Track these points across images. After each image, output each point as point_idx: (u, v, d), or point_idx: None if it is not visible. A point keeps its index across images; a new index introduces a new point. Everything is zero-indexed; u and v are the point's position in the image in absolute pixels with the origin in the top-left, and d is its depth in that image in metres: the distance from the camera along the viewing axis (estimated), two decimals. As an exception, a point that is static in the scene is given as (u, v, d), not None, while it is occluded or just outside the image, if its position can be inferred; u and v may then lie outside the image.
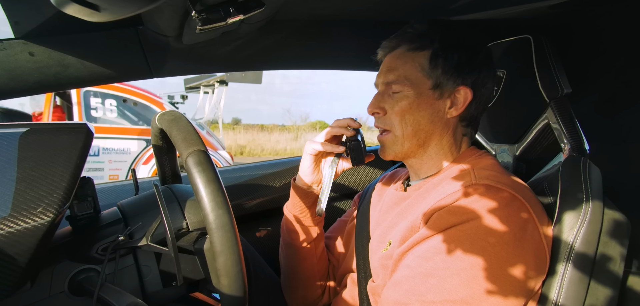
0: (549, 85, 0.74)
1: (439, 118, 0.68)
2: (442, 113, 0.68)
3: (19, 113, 4.40)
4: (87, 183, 0.73)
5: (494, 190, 0.57)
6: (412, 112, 0.67)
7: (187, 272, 0.72)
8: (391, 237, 0.68)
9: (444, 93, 0.67)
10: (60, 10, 0.40)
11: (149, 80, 1.92)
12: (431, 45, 0.67)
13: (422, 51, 0.67)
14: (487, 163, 0.67)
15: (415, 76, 0.67)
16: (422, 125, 0.68)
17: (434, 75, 0.67)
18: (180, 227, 0.74)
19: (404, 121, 0.68)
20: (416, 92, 0.67)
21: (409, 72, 0.67)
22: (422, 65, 0.67)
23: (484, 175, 0.62)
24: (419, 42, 0.68)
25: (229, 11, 0.61)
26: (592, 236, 0.57)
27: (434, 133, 0.69)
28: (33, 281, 0.64)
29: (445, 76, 0.66)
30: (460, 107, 0.67)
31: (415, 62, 0.67)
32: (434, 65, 0.66)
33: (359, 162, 0.75)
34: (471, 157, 0.69)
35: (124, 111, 4.47)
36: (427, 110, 0.67)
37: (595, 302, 0.56)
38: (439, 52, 0.66)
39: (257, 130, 17.05)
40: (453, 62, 0.66)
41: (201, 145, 0.59)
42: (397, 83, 0.68)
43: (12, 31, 0.69)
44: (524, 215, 0.57)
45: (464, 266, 0.54)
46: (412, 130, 0.68)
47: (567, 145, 0.74)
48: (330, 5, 0.80)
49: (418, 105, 0.67)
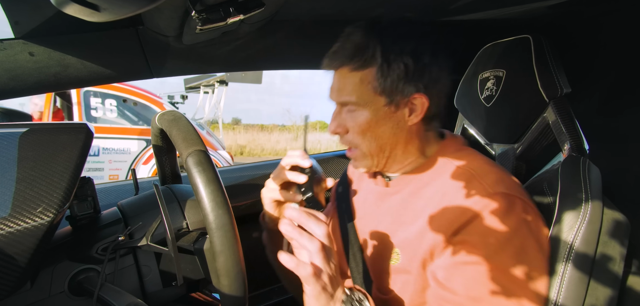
0: (549, 85, 0.74)
1: (400, 129, 0.67)
2: (402, 123, 0.66)
3: (19, 113, 4.39)
4: (87, 183, 0.73)
5: (510, 199, 0.59)
6: (372, 129, 0.66)
7: (187, 272, 0.72)
8: (398, 247, 0.66)
9: (400, 104, 0.65)
10: (60, 10, 0.40)
11: (149, 80, 1.92)
12: (374, 61, 0.64)
13: (367, 69, 0.64)
14: (481, 162, 0.67)
15: (366, 96, 0.65)
16: (385, 139, 0.67)
17: (385, 91, 0.64)
18: (180, 227, 0.74)
19: (366, 138, 0.67)
20: (371, 109, 0.65)
21: (359, 93, 0.65)
22: (370, 83, 0.64)
23: (492, 180, 0.61)
24: (361, 59, 0.64)
25: (229, 11, 0.61)
26: (591, 236, 0.57)
27: (398, 143, 0.68)
28: (33, 281, 0.64)
29: (396, 89, 0.64)
30: (419, 113, 0.65)
31: (362, 82, 0.65)
32: (383, 81, 0.64)
33: (319, 208, 0.68)
34: (452, 149, 0.70)
35: (124, 111, 4.46)
36: (387, 124, 0.66)
37: (595, 302, 0.56)
38: (383, 66, 0.63)
39: (257, 130, 17.04)
40: (400, 73, 0.63)
41: (201, 145, 0.59)
42: (351, 104, 0.67)
43: (12, 31, 0.69)
44: (536, 218, 0.61)
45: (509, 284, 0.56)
46: (377, 145, 0.67)
47: (566, 145, 0.74)
48: (330, 5, 0.80)
49: (377, 122, 0.66)
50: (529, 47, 0.77)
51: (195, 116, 6.30)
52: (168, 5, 0.60)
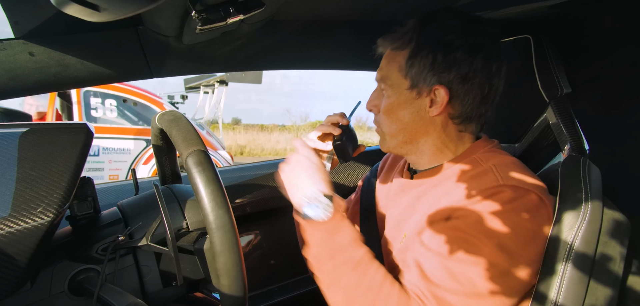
0: (549, 85, 0.74)
1: (420, 117, 0.68)
2: (423, 112, 0.68)
3: (19, 113, 4.38)
4: (87, 183, 0.73)
5: (521, 192, 0.58)
6: (394, 111, 0.69)
7: (187, 272, 0.72)
8: (406, 229, 0.69)
9: (422, 92, 0.67)
10: (60, 10, 0.40)
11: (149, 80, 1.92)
12: (409, 45, 0.67)
13: (402, 51, 0.68)
14: (508, 160, 0.66)
15: (395, 76, 0.68)
16: (404, 124, 0.69)
17: (410, 75, 0.66)
18: (180, 227, 0.74)
19: (389, 119, 0.71)
20: (396, 91, 0.69)
21: (390, 72, 0.69)
22: (400, 65, 0.67)
23: (508, 174, 0.61)
24: (400, 41, 0.68)
25: (229, 11, 0.61)
26: (591, 236, 0.57)
27: (418, 131, 0.69)
28: (33, 281, 0.64)
29: (421, 76, 0.66)
30: (440, 106, 0.66)
31: (395, 62, 0.68)
32: (411, 65, 0.66)
33: (345, 159, 0.78)
34: (481, 151, 0.69)
35: (124, 111, 4.46)
36: (408, 109, 0.68)
37: (594, 302, 0.56)
38: (415, 51, 0.66)
39: (257, 130, 17.04)
40: (428, 62, 0.65)
41: (201, 145, 0.59)
42: (382, 82, 0.71)
43: (12, 31, 0.69)
44: (546, 217, 0.60)
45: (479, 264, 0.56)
46: (396, 128, 0.70)
47: (566, 144, 0.74)
48: (330, 5, 0.80)
49: (399, 105, 0.69)
50: (529, 47, 0.77)
51: (195, 116, 6.30)
52: (168, 5, 0.60)
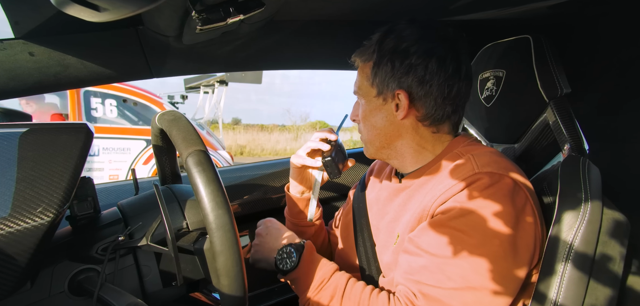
0: (549, 85, 0.74)
1: (391, 122, 0.73)
2: (392, 116, 0.72)
3: (19, 113, 4.38)
4: (87, 183, 0.73)
5: (497, 177, 0.60)
6: (368, 119, 0.75)
7: (187, 272, 0.72)
8: (398, 230, 0.71)
9: (387, 98, 0.72)
10: (60, 10, 0.40)
11: (149, 80, 1.92)
12: (373, 56, 0.72)
13: (368, 62, 0.73)
14: (485, 150, 0.68)
15: (365, 86, 0.74)
16: (378, 129, 0.74)
17: (376, 83, 0.72)
18: (180, 227, 0.74)
19: (366, 127, 0.76)
20: (367, 100, 0.74)
21: (361, 83, 0.75)
22: (367, 75, 0.73)
23: (485, 161, 0.63)
24: (366, 54, 0.73)
25: (229, 11, 0.61)
26: (591, 236, 0.57)
27: (392, 135, 0.74)
28: (33, 281, 0.64)
29: (384, 83, 0.71)
30: (403, 109, 0.70)
31: (364, 73, 0.74)
32: (375, 73, 0.71)
33: (334, 176, 0.82)
34: (461, 146, 0.71)
35: (124, 111, 4.46)
36: (378, 115, 0.73)
37: (594, 302, 0.56)
38: (377, 61, 0.71)
39: (257, 130, 17.04)
40: (388, 69, 0.70)
41: (201, 145, 0.59)
42: (357, 93, 0.77)
43: (12, 31, 0.69)
44: (524, 200, 0.60)
45: (467, 255, 0.57)
46: (373, 134, 0.75)
47: (566, 145, 0.74)
48: (330, 5, 0.80)
49: (371, 112, 0.74)
50: (529, 47, 0.77)
51: (195, 116, 6.30)
52: (168, 5, 0.60)
